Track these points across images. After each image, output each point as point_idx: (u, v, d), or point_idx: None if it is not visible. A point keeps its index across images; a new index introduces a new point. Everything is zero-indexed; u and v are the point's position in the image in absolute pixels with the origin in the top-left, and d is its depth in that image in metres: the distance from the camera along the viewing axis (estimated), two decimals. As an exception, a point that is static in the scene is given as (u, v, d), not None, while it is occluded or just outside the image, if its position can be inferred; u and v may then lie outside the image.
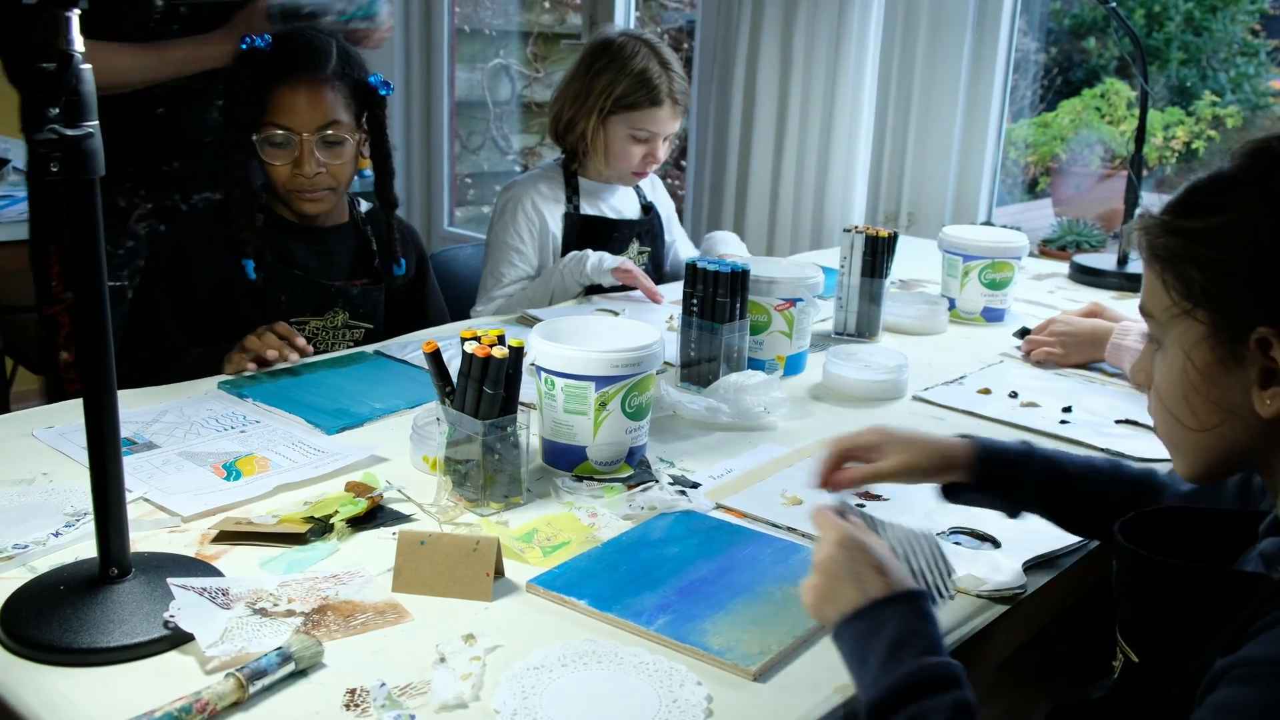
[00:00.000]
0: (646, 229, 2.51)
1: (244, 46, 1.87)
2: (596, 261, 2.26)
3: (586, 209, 2.42)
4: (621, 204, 2.49)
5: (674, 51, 2.39)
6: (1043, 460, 1.22)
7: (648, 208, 2.54)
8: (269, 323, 1.89)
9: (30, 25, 1.88)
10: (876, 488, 1.40)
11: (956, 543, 1.30)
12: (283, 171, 1.90)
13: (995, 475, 1.20)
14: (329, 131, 1.89)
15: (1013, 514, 1.24)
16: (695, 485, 1.42)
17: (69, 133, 0.92)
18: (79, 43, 0.92)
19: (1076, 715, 1.08)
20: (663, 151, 2.40)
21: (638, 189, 2.54)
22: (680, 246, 2.64)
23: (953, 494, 1.23)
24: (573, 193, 2.41)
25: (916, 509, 1.36)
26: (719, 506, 1.37)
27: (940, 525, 1.33)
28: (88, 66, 0.93)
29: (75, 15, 0.92)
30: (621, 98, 2.30)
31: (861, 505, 1.34)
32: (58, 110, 0.91)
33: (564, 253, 2.37)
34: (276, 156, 1.89)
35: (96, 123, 0.94)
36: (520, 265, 2.35)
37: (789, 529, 1.32)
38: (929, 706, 0.87)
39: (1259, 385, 0.86)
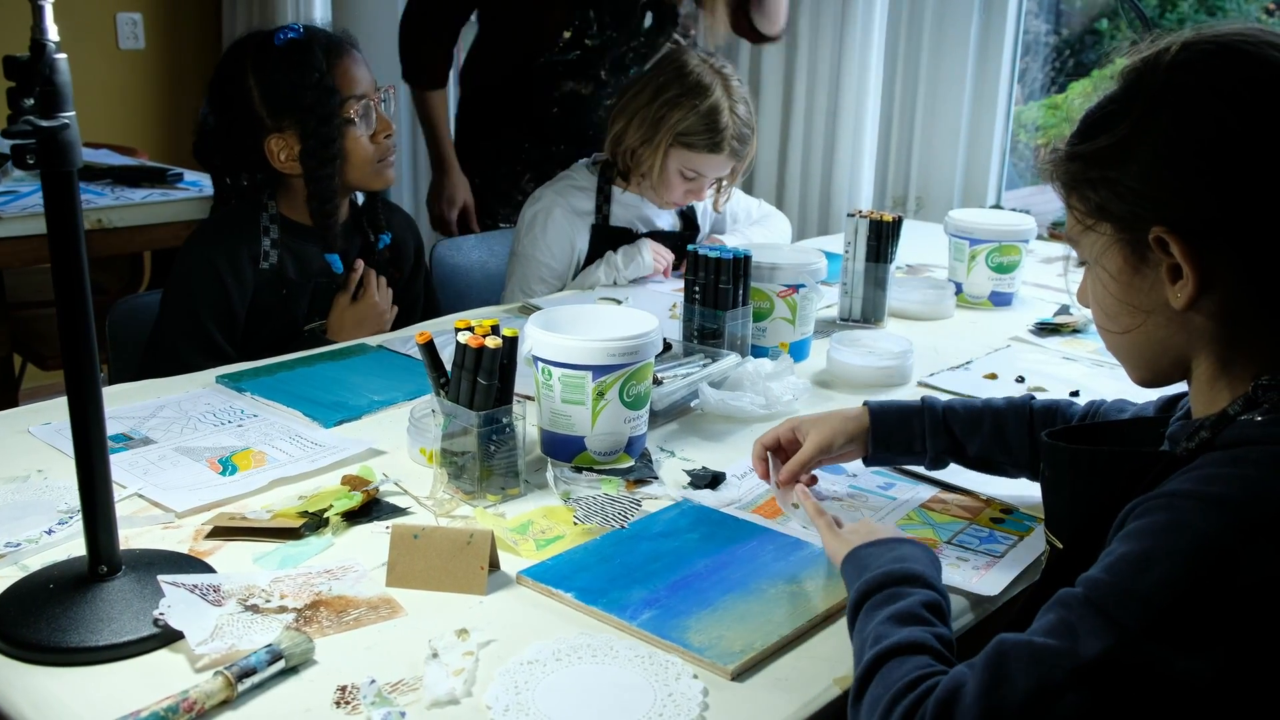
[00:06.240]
0: (681, 242, 2.33)
1: (278, 41, 1.83)
2: (625, 259, 2.25)
3: (617, 219, 2.34)
4: (660, 214, 2.40)
5: (744, 90, 2.26)
6: (935, 409, 1.34)
7: (688, 216, 2.45)
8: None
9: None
10: None
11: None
12: (366, 145, 1.90)
13: (889, 431, 1.33)
14: (380, 91, 1.93)
15: (929, 465, 1.35)
16: (714, 478, 1.40)
17: (44, 124, 0.90)
18: (53, 31, 0.90)
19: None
20: (707, 190, 2.31)
21: None
22: (746, 233, 2.48)
23: (868, 459, 1.36)
24: (604, 201, 2.33)
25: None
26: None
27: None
28: (63, 56, 0.91)
29: (49, 5, 0.90)
30: (684, 134, 2.19)
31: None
32: (32, 101, 0.89)
33: (587, 263, 2.32)
34: (363, 130, 1.89)
35: (73, 113, 0.92)
36: (550, 280, 2.29)
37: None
38: (911, 591, 0.99)
39: (1169, 281, 0.92)
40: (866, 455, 1.35)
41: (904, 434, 1.33)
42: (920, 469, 1.39)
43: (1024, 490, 1.36)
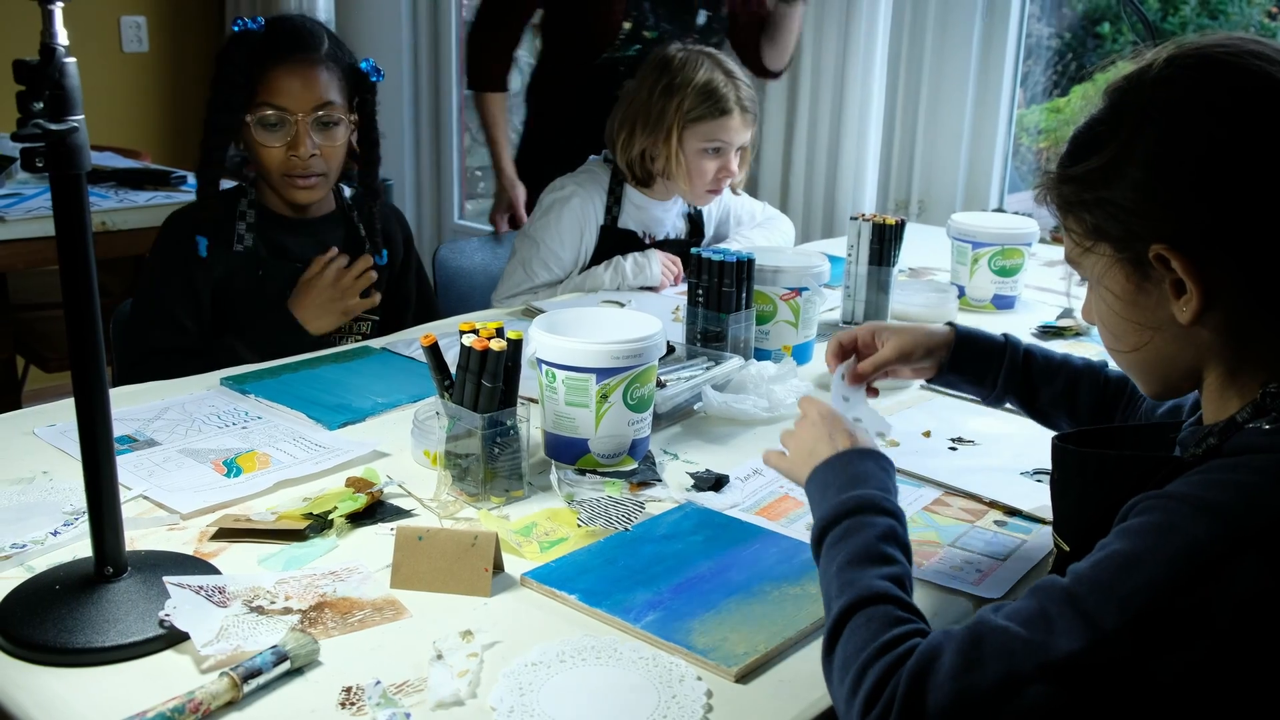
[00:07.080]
0: (688, 248, 2.26)
1: (236, 29, 1.85)
2: (635, 268, 2.25)
3: (625, 220, 2.34)
4: (667, 218, 2.39)
5: (732, 62, 2.28)
6: (1016, 349, 1.35)
7: (696, 223, 2.45)
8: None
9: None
10: (967, 432, 1.57)
11: (1039, 480, 1.41)
12: (276, 155, 1.87)
13: (968, 357, 1.35)
14: (322, 112, 1.87)
15: (990, 401, 1.37)
16: (717, 481, 1.40)
17: (54, 127, 0.90)
18: (62, 35, 0.90)
19: None
20: (735, 164, 2.28)
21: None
22: (750, 236, 2.47)
23: (934, 378, 1.38)
24: (614, 202, 2.34)
25: (1004, 451, 1.49)
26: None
27: (1026, 465, 1.45)
28: (72, 60, 0.91)
29: (59, 9, 0.90)
30: (689, 112, 2.19)
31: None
32: (42, 105, 0.89)
33: (592, 263, 2.32)
34: (270, 138, 1.86)
35: (82, 117, 0.93)
36: (554, 269, 2.29)
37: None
38: (866, 521, 1.00)
39: (1174, 297, 0.91)
40: (934, 375, 1.37)
41: (981, 363, 1.35)
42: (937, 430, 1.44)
43: (1026, 493, 1.37)
